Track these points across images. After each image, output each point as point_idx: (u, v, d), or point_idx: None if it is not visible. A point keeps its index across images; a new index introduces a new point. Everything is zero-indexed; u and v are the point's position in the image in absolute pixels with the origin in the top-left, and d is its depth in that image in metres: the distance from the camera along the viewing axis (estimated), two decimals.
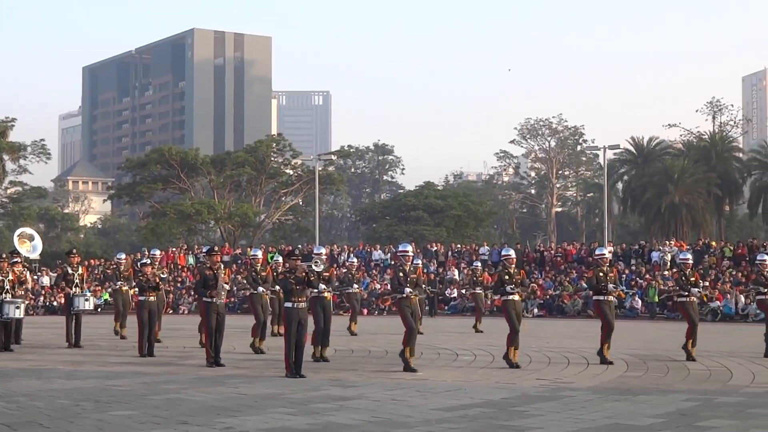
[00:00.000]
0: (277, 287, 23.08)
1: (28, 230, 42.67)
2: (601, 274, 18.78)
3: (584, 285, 41.67)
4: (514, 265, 18.48)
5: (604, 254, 19.38)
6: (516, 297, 18.14)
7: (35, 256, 41.96)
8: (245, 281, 23.92)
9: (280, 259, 25.61)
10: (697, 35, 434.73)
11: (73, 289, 24.45)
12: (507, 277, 18.18)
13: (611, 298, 18.77)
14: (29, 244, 40.05)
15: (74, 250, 26.33)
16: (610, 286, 18.65)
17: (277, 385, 14.99)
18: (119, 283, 27.25)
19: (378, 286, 47.17)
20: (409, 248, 17.97)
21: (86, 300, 24.60)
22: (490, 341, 24.56)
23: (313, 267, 16.69)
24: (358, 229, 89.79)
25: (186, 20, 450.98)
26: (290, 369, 16.20)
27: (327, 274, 20.10)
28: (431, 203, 74.13)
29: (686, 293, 19.76)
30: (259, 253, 23.37)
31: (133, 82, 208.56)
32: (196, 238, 73.07)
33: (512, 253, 18.83)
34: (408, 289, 17.20)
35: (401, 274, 17.35)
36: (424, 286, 21.55)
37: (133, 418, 11.56)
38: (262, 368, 18.00)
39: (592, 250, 41.08)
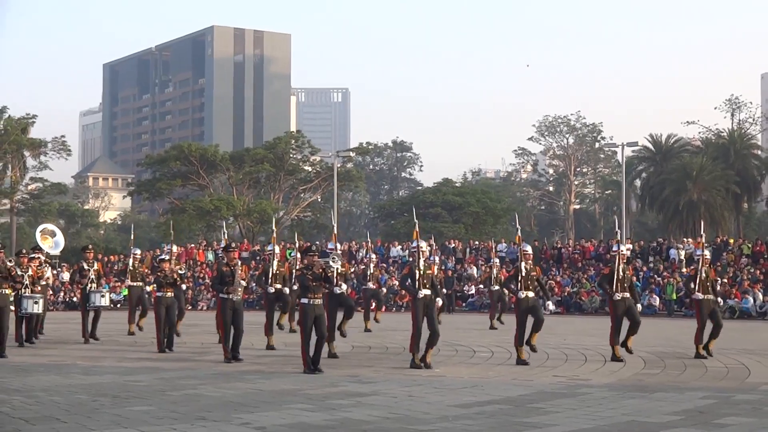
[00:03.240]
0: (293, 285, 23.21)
1: (50, 226, 42.77)
2: (619, 271, 18.69)
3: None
4: (531, 261, 18.51)
5: (622, 251, 19.27)
6: (528, 295, 18.10)
7: (57, 252, 42.09)
8: (255, 281, 23.99)
9: (299, 255, 25.66)
10: (716, 32, 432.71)
11: (89, 284, 24.47)
12: (524, 272, 18.19)
13: (627, 295, 18.68)
14: (51, 241, 40.16)
15: (90, 246, 26.38)
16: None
17: (295, 381, 15.00)
18: (127, 280, 27.16)
19: (396, 282, 47.11)
20: (424, 244, 17.84)
21: (102, 296, 24.65)
22: (507, 338, 24.50)
23: (331, 263, 16.68)
24: (377, 225, 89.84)
25: (206, 17, 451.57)
26: (307, 365, 16.21)
27: (343, 269, 20.13)
28: (449, 200, 74.12)
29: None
30: (277, 250, 23.33)
31: (153, 79, 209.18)
32: (215, 234, 73.29)
33: (529, 248, 18.82)
34: (424, 291, 17.10)
35: (415, 272, 17.25)
36: (438, 285, 21.50)
37: (150, 414, 11.57)
38: (280, 364, 18.00)
39: (609, 247, 40.95)
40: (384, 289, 43.79)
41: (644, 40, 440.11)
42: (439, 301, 17.74)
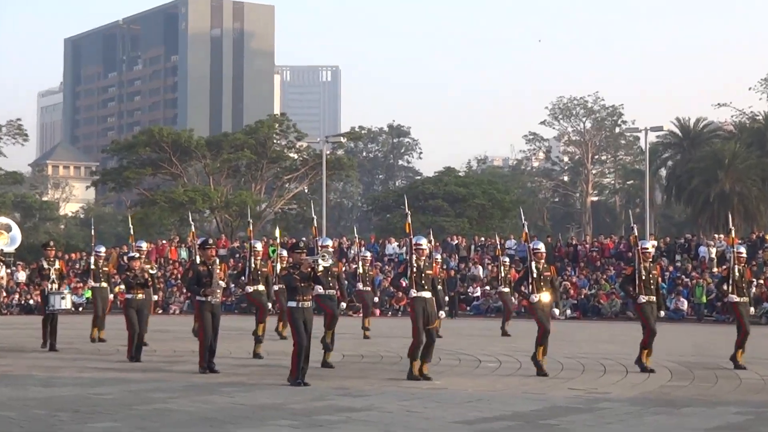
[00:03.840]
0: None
1: (5, 220, 42.67)
2: (643, 271, 18.69)
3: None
4: (543, 260, 18.48)
5: (647, 248, 19.27)
6: (544, 299, 18.08)
7: (12, 249, 41.99)
8: (232, 281, 24.02)
9: (285, 252, 25.63)
10: (749, 6, 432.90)
11: (49, 285, 24.42)
12: (535, 273, 18.17)
13: (653, 298, 18.69)
14: (6, 236, 40.03)
15: (51, 243, 26.33)
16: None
17: (278, 395, 14.98)
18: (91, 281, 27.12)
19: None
20: (423, 241, 17.89)
21: (63, 298, 24.60)
22: (517, 346, 24.50)
23: (320, 261, 16.64)
24: (370, 219, 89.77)
25: None
26: (296, 374, 16.15)
27: (335, 269, 20.10)
28: (452, 191, 74.12)
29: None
30: (259, 246, 23.36)
31: (120, 56, 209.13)
32: (188, 229, 73.32)
33: (542, 246, 18.79)
34: (422, 293, 17.10)
35: (414, 270, 17.25)
36: (440, 287, 21.45)
37: (116, 431, 11.52)
38: (261, 375, 18.00)
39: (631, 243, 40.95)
40: (378, 292, 43.81)
41: (670, 12, 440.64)
42: (442, 314, 17.74)
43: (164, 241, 59.02)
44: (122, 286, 22.56)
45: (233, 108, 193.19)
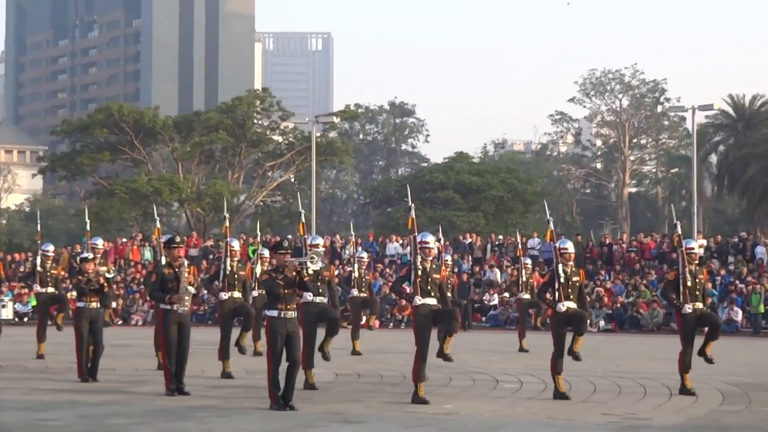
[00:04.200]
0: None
1: None
2: (689, 276, 18.68)
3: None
4: (572, 263, 18.46)
5: (693, 248, 19.26)
6: (569, 306, 18.08)
7: None
8: (204, 286, 24.02)
9: (267, 253, 25.60)
10: None
11: None
12: (563, 278, 18.16)
13: (699, 305, 18.65)
14: None
15: None
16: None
17: (259, 420, 15.05)
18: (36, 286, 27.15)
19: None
20: (431, 238, 17.87)
21: (3, 306, 24.61)
22: (540, 363, 24.52)
23: (309, 264, 16.64)
24: (368, 214, 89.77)
25: None
26: (276, 399, 16.20)
27: (327, 274, 20.10)
28: (464, 181, 74.07)
29: None
30: (236, 245, 23.32)
31: (72, 21, 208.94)
32: (153, 225, 73.30)
33: (570, 246, 18.77)
34: (427, 300, 17.12)
35: (420, 274, 17.24)
36: (449, 294, 21.46)
37: None
38: (239, 398, 18.04)
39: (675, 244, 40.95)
40: (377, 300, 43.85)
41: None
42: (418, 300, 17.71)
43: (124, 240, 59.06)
44: (74, 293, 22.48)
45: (206, 82, 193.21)
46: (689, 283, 18.67)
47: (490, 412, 16.20)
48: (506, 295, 44.78)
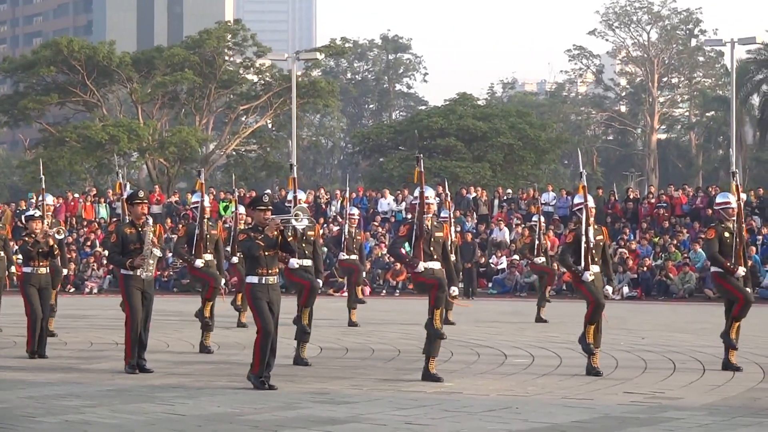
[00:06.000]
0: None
1: None
2: (726, 234, 18.73)
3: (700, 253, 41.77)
4: (593, 221, 18.41)
5: (731, 203, 19.29)
6: (595, 271, 18.08)
7: None
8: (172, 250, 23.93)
9: (243, 210, 25.67)
10: None
11: None
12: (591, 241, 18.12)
13: (741, 270, 18.67)
14: None
15: None
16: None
17: (233, 402, 15.04)
18: None
19: (385, 251, 47.16)
20: (431, 192, 17.84)
21: None
22: (554, 335, 24.64)
23: (293, 222, 16.62)
24: (357, 165, 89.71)
25: None
26: (259, 368, 16.19)
27: (313, 234, 20.10)
28: (468, 126, 73.94)
29: None
30: (206, 201, 23.18)
31: None
32: (111, 178, 73.16)
33: (591, 201, 18.72)
34: (431, 264, 17.13)
35: (419, 233, 17.27)
36: (453, 255, 21.47)
37: None
38: (208, 376, 18.10)
39: (712, 199, 41.03)
40: (368, 264, 43.91)
41: None
42: (454, 290, 17.73)
43: (76, 195, 58.94)
44: (19, 257, 22.41)
45: (169, 13, 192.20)
46: (728, 242, 18.58)
47: (496, 390, 16.19)
48: (516, 257, 44.65)
